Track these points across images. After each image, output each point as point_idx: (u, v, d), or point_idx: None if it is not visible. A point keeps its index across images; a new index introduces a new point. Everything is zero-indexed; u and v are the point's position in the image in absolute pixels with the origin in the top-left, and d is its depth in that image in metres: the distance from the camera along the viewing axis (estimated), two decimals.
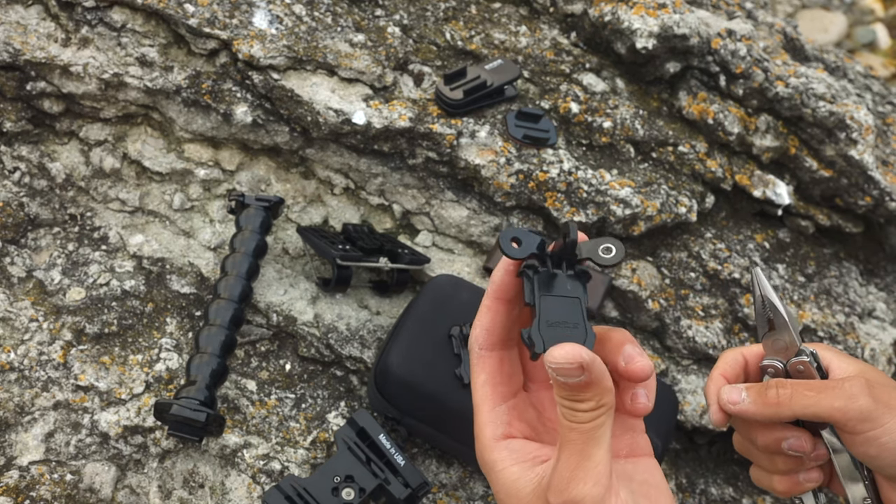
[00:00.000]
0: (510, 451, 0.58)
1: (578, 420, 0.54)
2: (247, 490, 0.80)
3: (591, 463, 0.53)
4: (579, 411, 0.53)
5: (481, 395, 0.61)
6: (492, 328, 0.61)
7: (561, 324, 0.56)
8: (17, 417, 0.80)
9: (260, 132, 0.94)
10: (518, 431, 0.60)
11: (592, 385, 0.53)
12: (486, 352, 0.61)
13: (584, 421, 0.53)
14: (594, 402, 0.53)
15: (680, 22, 1.00)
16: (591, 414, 0.53)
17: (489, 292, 0.61)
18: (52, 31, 0.93)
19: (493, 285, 0.61)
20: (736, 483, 0.94)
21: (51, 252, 0.89)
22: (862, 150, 1.02)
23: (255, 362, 0.87)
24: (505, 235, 0.58)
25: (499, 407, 0.60)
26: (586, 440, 0.53)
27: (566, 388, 0.53)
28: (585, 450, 0.53)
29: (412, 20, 1.03)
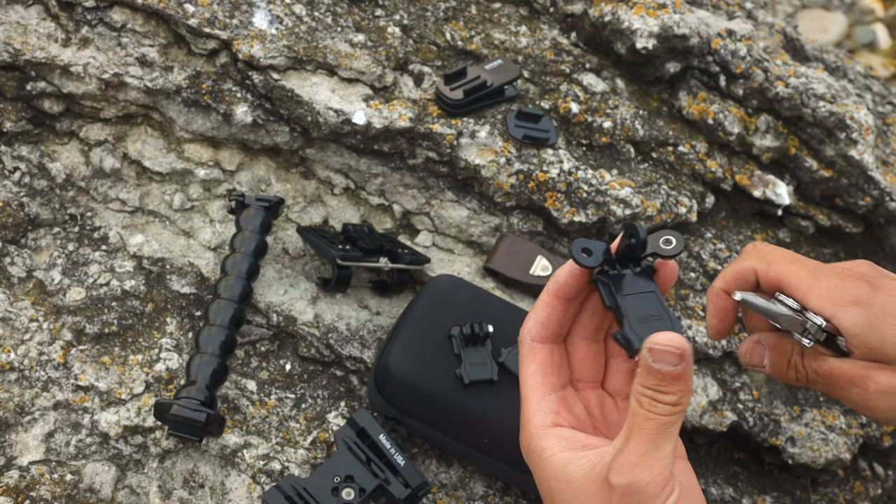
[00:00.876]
0: (559, 437, 0.60)
1: (657, 411, 0.55)
2: (247, 490, 0.80)
3: (659, 453, 0.54)
4: (661, 402, 0.55)
5: (531, 384, 0.63)
6: (546, 322, 0.64)
7: (647, 318, 0.59)
8: (17, 417, 0.80)
9: (260, 132, 0.94)
10: (566, 421, 0.61)
11: (683, 378, 0.55)
12: (539, 343, 0.64)
13: (663, 413, 0.55)
14: (677, 397, 0.55)
15: (680, 22, 1.00)
16: (670, 408, 0.55)
17: (549, 289, 0.64)
18: (53, 31, 0.93)
19: (554, 283, 0.63)
20: (736, 483, 0.94)
21: (51, 252, 0.89)
22: (862, 151, 1.02)
23: (255, 362, 0.87)
24: (576, 246, 0.61)
25: (548, 396, 0.62)
26: (660, 432, 0.54)
27: (656, 377, 0.55)
28: (657, 440, 0.54)
29: (412, 20, 1.03)
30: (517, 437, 0.80)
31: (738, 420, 0.92)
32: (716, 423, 0.91)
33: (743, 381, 0.94)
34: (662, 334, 0.55)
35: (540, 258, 0.93)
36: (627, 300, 0.60)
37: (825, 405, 0.96)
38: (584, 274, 0.63)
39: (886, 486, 0.97)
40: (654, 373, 0.55)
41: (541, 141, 0.97)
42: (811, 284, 0.65)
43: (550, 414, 0.61)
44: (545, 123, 0.98)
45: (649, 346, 0.55)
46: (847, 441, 0.93)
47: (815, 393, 0.97)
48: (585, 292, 0.64)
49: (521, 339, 0.65)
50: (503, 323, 0.84)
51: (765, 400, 0.94)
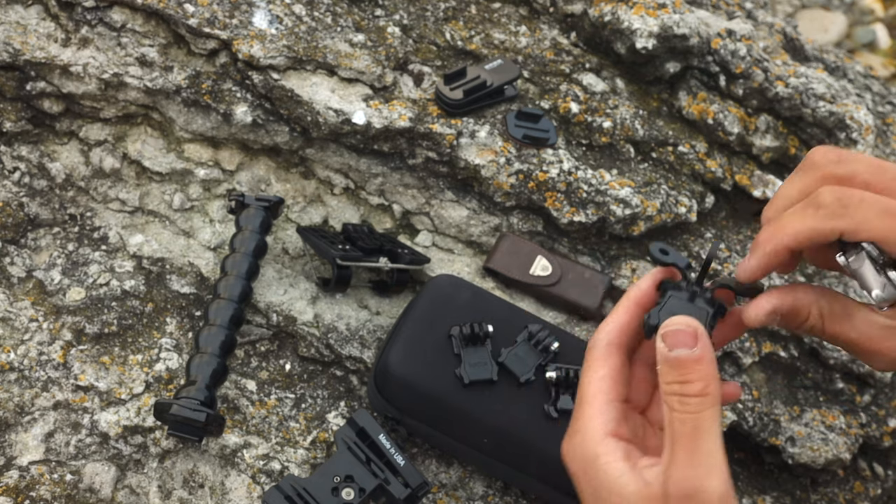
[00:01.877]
0: (617, 447, 0.57)
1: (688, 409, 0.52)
2: (247, 490, 0.80)
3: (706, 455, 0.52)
4: (689, 396, 0.53)
5: (597, 387, 0.60)
6: (625, 328, 0.62)
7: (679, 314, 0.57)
8: (16, 417, 0.80)
9: (260, 132, 0.94)
10: (625, 433, 0.59)
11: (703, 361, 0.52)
12: (615, 348, 0.61)
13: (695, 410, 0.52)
14: (703, 385, 0.52)
15: (680, 22, 1.00)
16: (700, 400, 0.52)
17: (630, 294, 0.62)
18: (52, 31, 0.93)
19: (636, 289, 0.62)
20: (736, 483, 0.94)
21: (51, 252, 0.89)
22: (862, 150, 1.02)
23: (255, 362, 0.87)
24: (654, 246, 0.61)
25: (613, 403, 0.60)
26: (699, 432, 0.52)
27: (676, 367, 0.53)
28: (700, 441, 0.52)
29: (412, 20, 1.03)
30: (517, 436, 0.80)
31: (737, 420, 0.92)
32: None
33: (743, 381, 0.94)
34: (674, 317, 0.54)
35: (540, 258, 0.94)
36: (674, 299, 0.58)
37: (825, 405, 0.96)
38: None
39: (886, 486, 0.97)
40: (674, 363, 0.53)
41: (541, 141, 0.97)
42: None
43: (612, 421, 0.59)
44: (545, 123, 0.98)
45: (662, 333, 0.54)
46: (847, 441, 0.93)
47: (815, 393, 0.97)
48: None
49: (595, 341, 0.62)
50: (503, 323, 0.84)
51: (764, 400, 0.94)
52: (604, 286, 0.93)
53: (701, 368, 0.53)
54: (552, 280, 0.93)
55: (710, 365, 0.53)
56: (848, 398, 0.97)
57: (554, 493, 0.81)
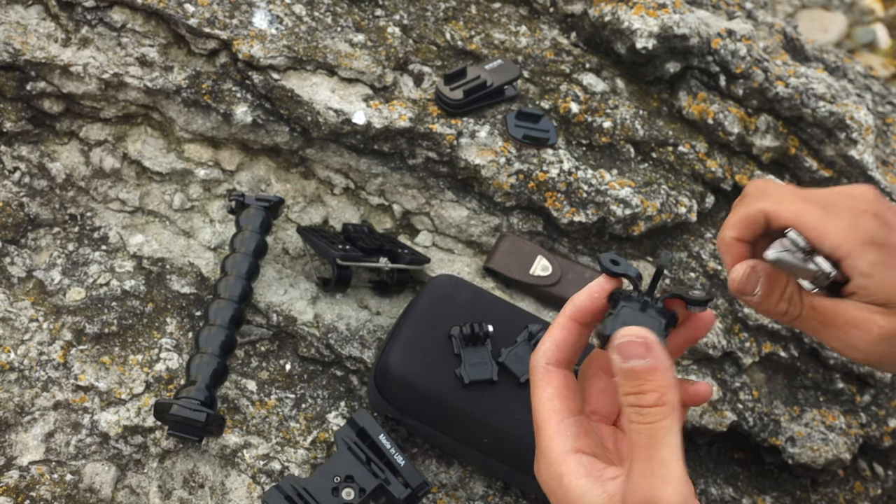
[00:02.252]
0: (579, 464, 0.58)
1: (645, 419, 0.53)
2: (247, 490, 0.80)
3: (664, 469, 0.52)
4: (644, 406, 0.53)
5: (548, 407, 0.61)
6: (561, 346, 0.62)
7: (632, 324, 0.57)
8: (17, 417, 0.80)
9: (260, 132, 0.94)
10: (586, 447, 0.59)
11: (656, 371, 0.53)
12: (554, 367, 0.62)
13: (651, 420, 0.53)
14: (658, 395, 0.53)
15: (680, 22, 1.00)
16: (656, 410, 0.53)
17: (566, 311, 0.62)
18: (52, 31, 0.93)
19: (572, 305, 0.62)
20: (736, 483, 0.94)
21: (51, 252, 0.89)
22: (862, 150, 1.02)
23: (255, 362, 0.87)
24: (605, 256, 0.61)
25: (567, 419, 0.60)
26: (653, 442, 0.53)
27: (631, 378, 0.53)
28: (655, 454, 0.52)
29: (412, 20, 1.03)
30: (517, 436, 0.80)
31: (737, 420, 0.92)
32: (716, 423, 0.91)
33: (743, 381, 0.94)
34: (626, 328, 0.55)
35: (540, 258, 0.94)
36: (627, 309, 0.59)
37: (825, 405, 0.96)
38: (601, 296, 0.62)
39: (886, 486, 0.97)
40: (629, 374, 0.54)
41: (541, 141, 0.97)
42: (826, 223, 0.61)
43: (571, 438, 0.59)
44: (545, 123, 0.98)
45: (616, 344, 0.55)
46: (847, 441, 0.93)
47: (815, 393, 0.97)
48: (599, 318, 0.63)
49: (534, 363, 0.63)
50: (503, 323, 0.84)
51: (765, 400, 0.94)
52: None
53: (655, 378, 0.54)
54: (552, 280, 0.93)
55: (665, 374, 0.54)
56: (848, 398, 0.97)
57: None
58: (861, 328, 0.62)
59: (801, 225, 0.62)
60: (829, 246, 0.61)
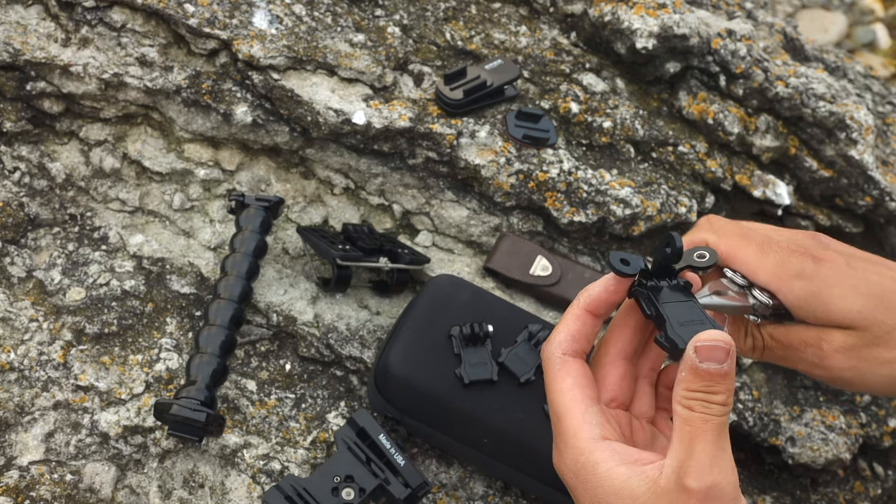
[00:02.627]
0: (613, 451, 0.58)
1: (712, 412, 0.55)
2: (247, 490, 0.80)
3: (726, 454, 0.55)
4: (713, 403, 0.55)
5: (570, 397, 0.61)
6: (577, 336, 0.63)
7: (689, 322, 0.59)
8: (16, 417, 0.80)
9: (260, 132, 0.94)
10: (612, 434, 0.60)
11: (730, 375, 0.55)
12: (571, 357, 0.63)
13: (717, 414, 0.55)
14: (726, 396, 0.55)
15: (680, 22, 1.00)
16: (722, 408, 0.55)
17: (580, 302, 0.63)
18: (52, 31, 0.93)
19: (586, 296, 0.63)
20: None
21: (51, 252, 0.89)
22: (862, 150, 1.02)
23: (255, 362, 0.87)
24: (614, 257, 0.62)
25: (592, 408, 0.61)
26: (720, 432, 0.55)
27: (704, 378, 0.55)
28: (720, 441, 0.55)
29: (412, 20, 1.03)
30: (517, 436, 0.80)
31: (737, 420, 0.92)
32: None
33: (743, 382, 0.94)
34: (707, 332, 0.56)
35: (540, 258, 0.94)
36: (668, 307, 0.61)
37: (825, 405, 0.96)
38: (617, 290, 0.63)
39: (886, 486, 0.98)
40: (702, 374, 0.55)
41: (541, 141, 0.97)
42: (759, 260, 0.67)
43: (598, 426, 0.59)
44: (545, 123, 0.98)
45: (695, 345, 0.56)
46: (847, 441, 0.93)
47: (815, 393, 0.97)
48: (613, 310, 0.64)
49: (548, 354, 0.63)
50: (503, 323, 0.84)
51: (765, 400, 0.94)
52: None
53: (728, 382, 0.56)
54: (552, 280, 0.93)
55: (733, 379, 0.56)
56: (848, 398, 0.97)
57: (554, 492, 0.81)
58: (814, 345, 0.67)
59: (735, 259, 0.68)
60: (761, 281, 0.67)
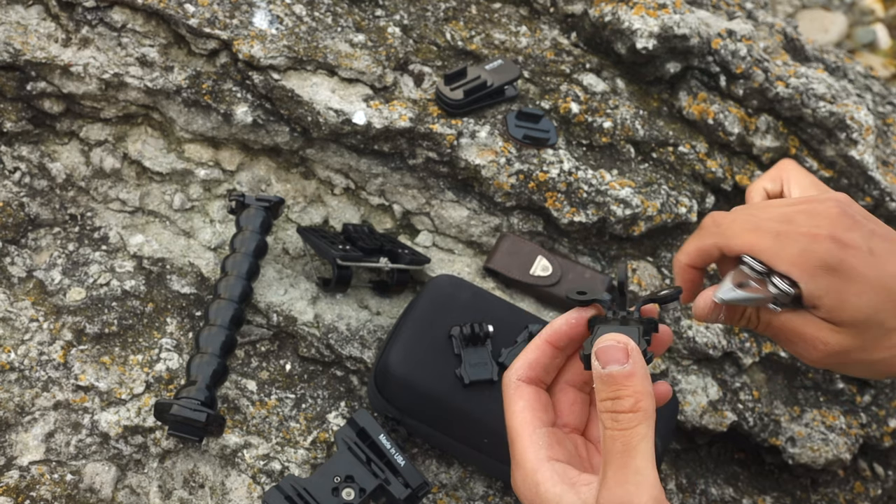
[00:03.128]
0: (553, 471, 0.59)
1: (620, 425, 0.54)
2: (247, 490, 0.80)
3: (638, 476, 0.53)
4: (621, 412, 0.54)
5: (520, 419, 0.62)
6: (533, 365, 0.64)
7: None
8: (17, 417, 0.80)
9: (260, 132, 0.94)
10: (559, 455, 0.61)
11: (634, 376, 0.54)
12: (524, 383, 0.64)
13: (625, 426, 0.54)
14: (634, 400, 0.54)
15: (680, 22, 1.00)
16: (630, 416, 0.54)
17: (543, 333, 0.65)
18: (53, 32, 0.93)
19: (549, 329, 0.64)
20: (736, 483, 0.94)
21: (51, 252, 0.89)
22: (862, 151, 1.03)
23: (256, 362, 0.87)
24: (572, 290, 0.64)
25: (539, 430, 0.62)
26: (628, 449, 0.54)
27: (609, 383, 0.55)
28: (629, 461, 0.53)
29: (412, 20, 1.03)
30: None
31: (738, 420, 0.92)
32: (716, 423, 0.91)
33: (743, 382, 0.94)
34: (605, 335, 0.56)
35: (540, 258, 0.94)
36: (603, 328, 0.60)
37: (825, 405, 0.96)
38: (578, 322, 0.64)
39: (886, 487, 0.98)
40: (606, 379, 0.55)
41: (541, 141, 0.97)
42: (777, 251, 0.64)
43: (544, 448, 0.61)
44: (545, 123, 0.98)
45: (595, 350, 0.56)
46: (847, 441, 0.93)
47: (816, 393, 0.97)
48: (577, 345, 0.65)
49: (506, 381, 0.64)
50: (503, 323, 0.84)
51: (765, 400, 0.94)
52: (604, 286, 0.93)
53: (632, 384, 0.55)
54: (552, 280, 0.93)
55: (642, 380, 0.55)
56: (848, 398, 0.97)
57: None
58: (808, 343, 0.66)
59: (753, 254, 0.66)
60: (782, 269, 0.65)
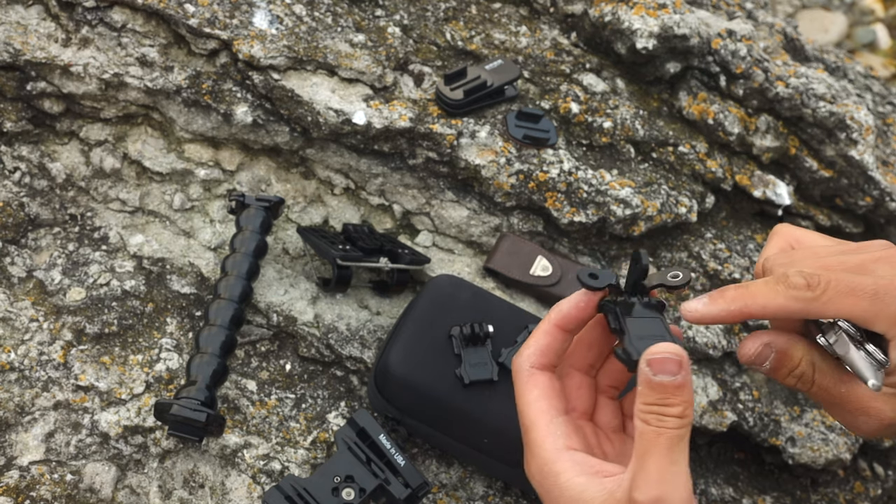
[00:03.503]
0: (574, 462, 0.59)
1: (666, 426, 0.55)
2: (247, 490, 0.80)
3: (677, 468, 0.54)
4: (668, 416, 0.55)
5: (536, 409, 0.62)
6: (546, 351, 0.64)
7: (648, 336, 0.59)
8: (17, 417, 0.80)
9: (260, 132, 0.94)
10: (576, 444, 0.61)
11: (685, 387, 0.55)
12: (538, 370, 0.64)
13: (672, 427, 0.55)
14: (682, 408, 0.55)
15: (680, 22, 1.00)
16: (678, 421, 0.55)
17: (550, 318, 0.64)
18: (53, 32, 0.93)
19: (557, 313, 0.64)
20: (736, 483, 0.94)
21: (51, 252, 0.89)
22: (862, 151, 1.03)
23: (256, 362, 0.87)
24: (583, 272, 0.63)
25: (556, 419, 0.62)
26: (672, 446, 0.54)
27: (658, 391, 0.55)
28: (672, 455, 0.54)
29: (412, 20, 1.03)
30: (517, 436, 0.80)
31: (738, 420, 0.92)
32: (716, 423, 0.91)
33: (743, 382, 0.94)
34: (659, 344, 0.56)
35: (540, 258, 0.94)
36: (632, 321, 0.61)
37: None
38: (587, 305, 0.64)
39: (886, 486, 0.98)
40: (656, 386, 0.55)
41: (541, 141, 0.97)
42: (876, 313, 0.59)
43: (562, 437, 0.61)
44: (545, 123, 0.98)
45: (648, 359, 0.56)
46: (847, 441, 0.94)
47: None
48: (583, 326, 0.65)
49: (517, 367, 0.64)
50: (503, 323, 0.84)
51: (765, 400, 0.94)
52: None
53: (682, 394, 0.55)
54: (552, 280, 0.93)
55: (690, 391, 0.55)
56: None
57: None
58: (870, 416, 0.62)
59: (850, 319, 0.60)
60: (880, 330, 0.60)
